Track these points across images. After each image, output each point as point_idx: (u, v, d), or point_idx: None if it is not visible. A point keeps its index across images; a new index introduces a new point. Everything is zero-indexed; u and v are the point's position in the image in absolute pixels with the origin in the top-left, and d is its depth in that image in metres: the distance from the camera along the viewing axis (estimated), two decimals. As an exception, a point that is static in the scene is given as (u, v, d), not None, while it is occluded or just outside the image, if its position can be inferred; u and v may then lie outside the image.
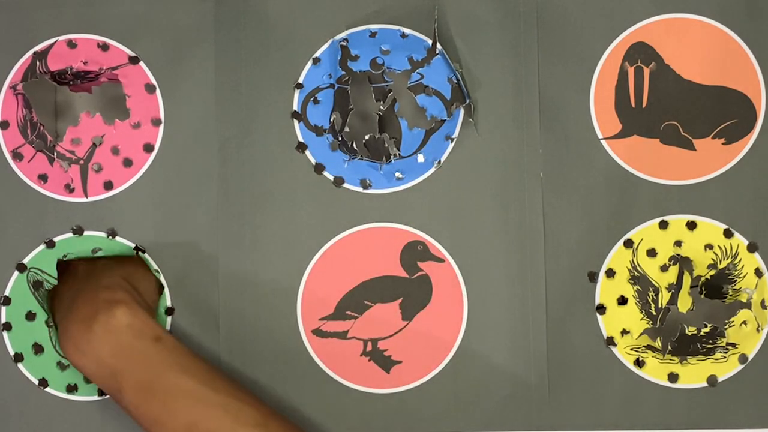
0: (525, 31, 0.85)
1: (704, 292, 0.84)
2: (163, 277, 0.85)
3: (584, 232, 0.85)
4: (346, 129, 0.85)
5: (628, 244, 0.85)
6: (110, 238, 0.86)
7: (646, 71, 0.85)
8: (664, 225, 0.85)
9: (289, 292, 0.85)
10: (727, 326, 0.84)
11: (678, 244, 0.85)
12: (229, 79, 0.86)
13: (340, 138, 0.85)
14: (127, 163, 0.86)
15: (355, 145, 0.85)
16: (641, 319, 0.85)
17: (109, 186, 0.86)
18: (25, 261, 0.85)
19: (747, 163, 0.85)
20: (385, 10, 0.86)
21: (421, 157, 0.86)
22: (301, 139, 0.86)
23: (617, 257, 0.85)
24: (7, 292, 0.85)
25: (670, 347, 0.84)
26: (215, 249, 0.86)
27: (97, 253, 0.86)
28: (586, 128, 0.85)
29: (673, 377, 0.84)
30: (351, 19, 0.86)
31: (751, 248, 0.84)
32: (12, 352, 0.85)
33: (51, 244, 0.85)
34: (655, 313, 0.85)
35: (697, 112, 0.85)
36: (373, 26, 0.86)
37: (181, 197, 0.86)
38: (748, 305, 0.84)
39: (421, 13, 0.86)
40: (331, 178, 0.86)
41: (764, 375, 0.84)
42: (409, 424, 0.85)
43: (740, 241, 0.85)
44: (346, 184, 0.86)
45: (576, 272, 0.85)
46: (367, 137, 0.85)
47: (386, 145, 0.85)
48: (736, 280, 0.85)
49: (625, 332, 0.85)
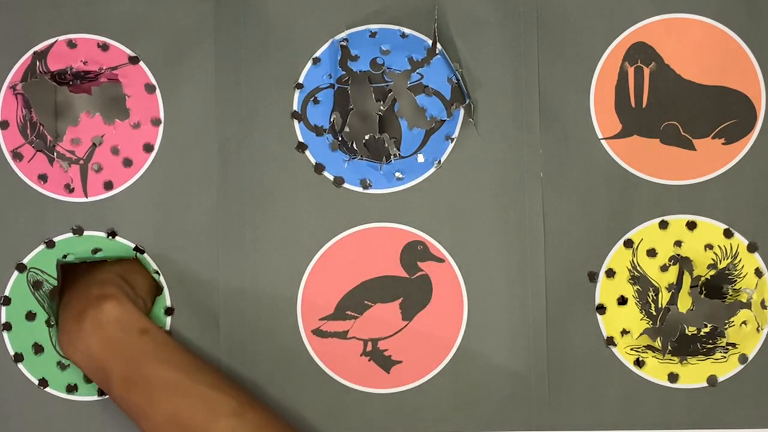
0: (525, 31, 0.85)
1: (704, 292, 0.84)
2: (163, 277, 0.86)
3: (584, 232, 0.85)
4: (346, 129, 0.85)
5: (628, 244, 0.85)
6: (110, 238, 0.86)
7: (646, 71, 0.85)
8: (664, 225, 0.85)
9: (289, 292, 0.85)
10: (727, 326, 0.84)
11: (678, 244, 0.85)
12: (229, 79, 0.86)
13: (340, 138, 0.85)
14: (127, 163, 0.86)
15: (355, 145, 0.85)
16: (641, 319, 0.85)
17: (109, 186, 0.86)
18: (25, 261, 0.85)
19: (747, 163, 0.85)
20: (385, 10, 0.86)
21: (421, 157, 0.86)
22: (301, 139, 0.86)
23: (617, 257, 0.85)
24: (7, 292, 0.85)
25: (670, 347, 0.84)
26: (215, 249, 0.86)
27: (97, 253, 0.85)
28: (586, 128, 0.85)
29: (673, 377, 0.84)
30: (351, 19, 0.86)
31: (751, 248, 0.84)
32: (12, 352, 0.85)
33: (51, 244, 0.85)
34: (655, 313, 0.85)
35: (697, 112, 0.85)
36: (373, 26, 0.86)
37: (181, 197, 0.86)
38: (748, 305, 0.84)
39: (421, 13, 0.86)
40: (331, 178, 0.86)
41: (764, 375, 0.84)
42: (409, 424, 0.85)
43: (740, 241, 0.85)
44: (346, 184, 0.86)
45: (576, 272, 0.85)
46: (367, 137, 0.85)
47: (386, 145, 0.85)
48: (736, 280, 0.85)
49: (625, 332, 0.85)
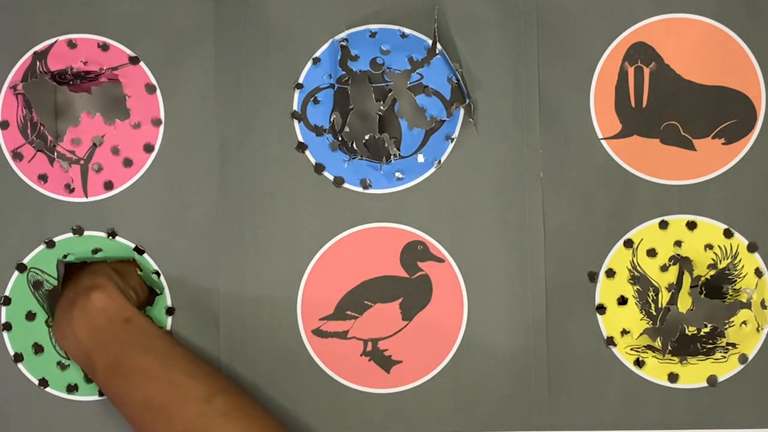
0: (525, 31, 0.85)
1: (704, 292, 0.84)
2: (163, 277, 0.86)
3: (584, 232, 0.85)
4: (346, 129, 0.85)
5: (628, 244, 0.85)
6: (110, 238, 0.86)
7: (646, 71, 0.85)
8: (664, 225, 0.85)
9: (289, 292, 0.85)
10: (727, 326, 0.84)
11: (678, 244, 0.85)
12: (229, 79, 0.86)
13: (340, 138, 0.85)
14: (127, 163, 0.86)
15: (355, 145, 0.85)
16: (641, 319, 0.85)
17: (109, 186, 0.86)
18: (25, 261, 0.86)
19: (747, 163, 0.85)
20: (385, 10, 0.86)
21: (421, 157, 0.86)
22: (301, 139, 0.86)
23: (617, 257, 0.85)
24: (7, 292, 0.85)
25: (670, 347, 0.84)
26: (215, 249, 0.86)
27: (98, 253, 0.85)
28: (586, 128, 0.85)
29: (673, 377, 0.84)
30: (351, 19, 0.86)
31: (751, 248, 0.84)
32: (12, 352, 0.85)
33: (51, 244, 0.85)
34: (655, 313, 0.85)
35: (697, 112, 0.85)
36: (373, 26, 0.86)
37: (181, 197, 0.86)
38: (748, 305, 0.84)
39: (421, 13, 0.86)
40: (331, 178, 0.86)
41: (764, 375, 0.84)
42: (409, 424, 0.85)
43: (740, 241, 0.85)
44: (346, 184, 0.86)
45: (576, 272, 0.85)
46: (367, 137, 0.85)
47: (386, 145, 0.85)
48: (736, 280, 0.85)
49: (625, 332, 0.85)
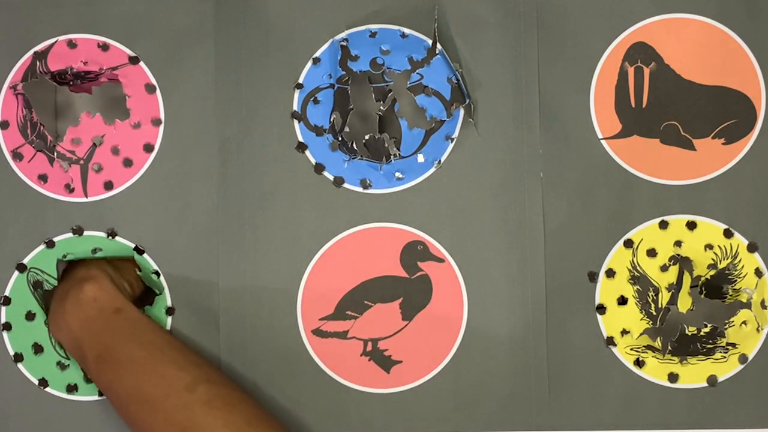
0: (525, 31, 0.85)
1: (704, 292, 0.84)
2: (163, 277, 0.86)
3: (584, 232, 0.85)
4: (346, 129, 0.85)
5: (628, 244, 0.85)
6: (110, 238, 0.86)
7: (646, 71, 0.85)
8: (664, 225, 0.85)
9: (289, 292, 0.85)
10: (727, 326, 0.84)
11: (678, 244, 0.85)
12: (229, 79, 0.86)
13: (340, 138, 0.85)
14: (127, 163, 0.86)
15: (355, 145, 0.85)
16: (641, 319, 0.85)
17: (109, 186, 0.86)
18: (25, 261, 0.85)
19: (747, 163, 0.85)
20: (385, 10, 0.86)
21: (421, 157, 0.86)
22: (301, 139, 0.86)
23: (617, 257, 0.85)
24: (7, 292, 0.85)
25: (670, 347, 0.84)
26: (215, 249, 0.86)
27: (98, 253, 0.86)
28: (586, 128, 0.85)
29: (673, 377, 0.84)
30: (351, 19, 0.86)
31: (751, 248, 0.84)
32: (12, 352, 0.85)
33: (51, 244, 0.85)
34: (655, 313, 0.85)
35: (697, 112, 0.85)
36: (373, 26, 0.86)
37: (181, 197, 0.86)
38: (748, 305, 0.84)
39: (421, 13, 0.86)
40: (331, 178, 0.86)
41: (764, 375, 0.84)
42: (409, 424, 0.85)
43: (740, 241, 0.85)
44: (346, 184, 0.86)
45: (576, 272, 0.85)
46: (367, 137, 0.85)
47: (386, 145, 0.85)
48: (736, 280, 0.85)
49: (625, 332, 0.85)
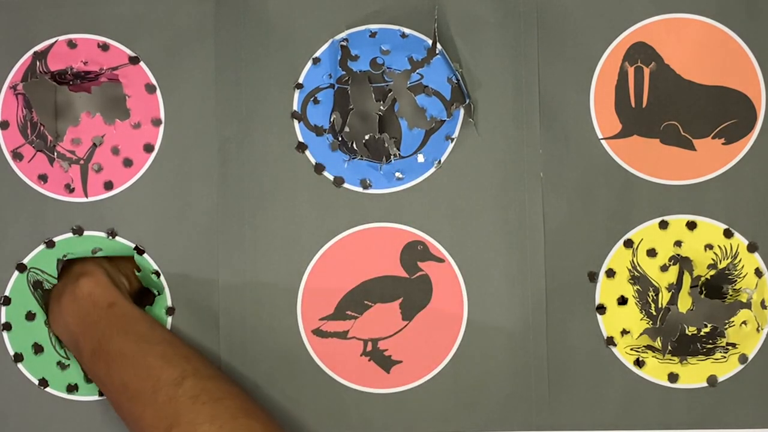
0: (525, 31, 0.85)
1: (704, 292, 0.84)
2: (163, 277, 0.86)
3: (584, 232, 0.85)
4: (346, 129, 0.85)
5: (628, 244, 0.85)
6: (110, 238, 0.86)
7: (646, 71, 0.85)
8: (664, 225, 0.85)
9: (289, 292, 0.85)
10: (727, 326, 0.84)
11: (678, 244, 0.85)
12: (229, 79, 0.86)
13: (340, 138, 0.85)
14: (127, 163, 0.86)
15: (355, 145, 0.85)
16: (641, 319, 0.85)
17: (109, 186, 0.86)
18: (25, 261, 0.85)
19: (747, 163, 0.85)
20: (385, 10, 0.86)
21: (421, 157, 0.86)
22: (301, 139, 0.86)
23: (617, 257, 0.85)
24: (7, 292, 0.85)
25: (670, 347, 0.84)
26: (215, 249, 0.86)
27: (97, 253, 0.86)
28: (586, 128, 0.85)
29: (673, 377, 0.84)
30: (351, 19, 0.86)
31: (751, 248, 0.84)
32: (12, 352, 0.85)
33: (51, 244, 0.85)
34: (655, 313, 0.85)
35: (697, 112, 0.85)
36: (373, 26, 0.86)
37: (181, 197, 0.86)
38: (748, 305, 0.84)
39: (421, 13, 0.86)
40: (331, 178, 0.86)
41: (764, 375, 0.84)
42: (409, 424, 0.85)
43: (740, 241, 0.84)
44: (346, 184, 0.86)
45: (576, 272, 0.85)
46: (367, 137, 0.85)
47: (386, 145, 0.85)
48: (736, 280, 0.85)
49: (625, 332, 0.85)
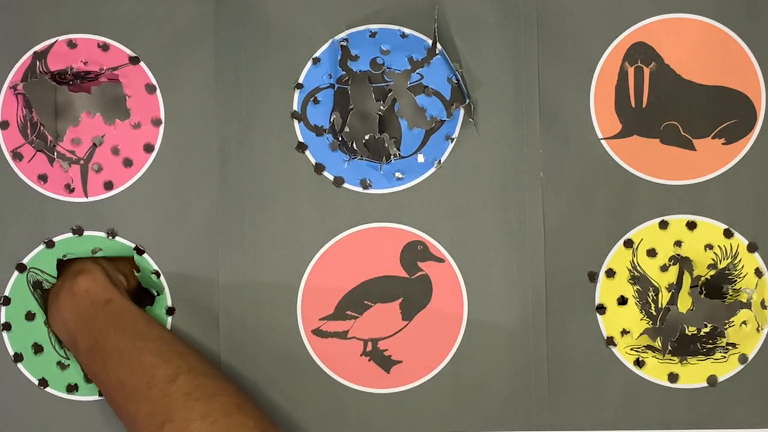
0: (525, 31, 0.85)
1: (704, 292, 0.84)
2: (163, 277, 0.86)
3: (584, 232, 0.85)
4: (346, 129, 0.85)
5: (628, 244, 0.85)
6: (110, 238, 0.86)
7: (646, 71, 0.85)
8: (664, 225, 0.85)
9: (289, 292, 0.85)
10: (727, 326, 0.84)
11: (678, 244, 0.85)
12: (229, 79, 0.86)
13: (340, 138, 0.85)
14: (127, 163, 0.86)
15: (355, 145, 0.85)
16: (641, 319, 0.85)
17: (109, 186, 0.86)
18: (25, 261, 0.85)
19: (747, 163, 0.85)
20: (385, 10, 0.86)
21: (421, 157, 0.86)
22: (301, 139, 0.86)
23: (617, 257, 0.85)
24: (6, 292, 0.85)
25: (670, 347, 0.84)
26: (215, 249, 0.86)
27: (97, 253, 0.86)
28: (586, 128, 0.85)
29: (673, 377, 0.84)
30: (351, 19, 0.86)
31: (751, 248, 0.84)
32: (12, 352, 0.85)
33: (51, 244, 0.85)
34: (655, 313, 0.85)
35: (697, 112, 0.85)
36: (373, 26, 0.86)
37: (181, 197, 0.86)
38: (748, 305, 0.84)
39: (421, 13, 0.86)
40: (331, 178, 0.86)
41: (764, 375, 0.84)
42: (409, 424, 0.85)
43: (740, 241, 0.85)
44: (346, 184, 0.86)
45: (576, 272, 0.85)
46: (367, 137, 0.85)
47: (386, 145, 0.85)
48: (736, 280, 0.85)
49: (625, 332, 0.85)
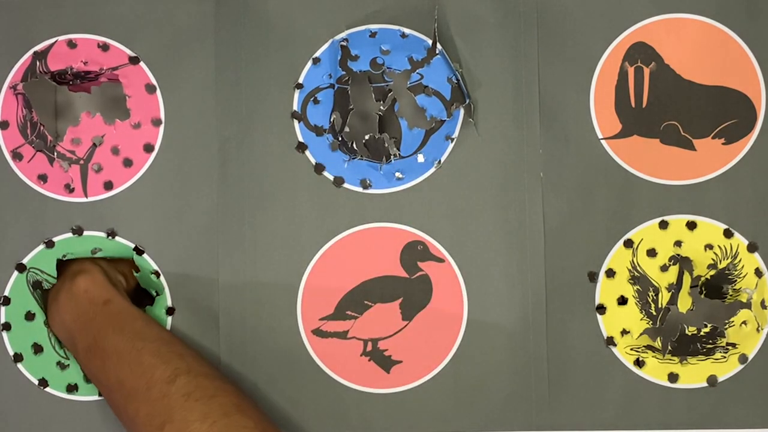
0: (525, 31, 0.85)
1: (704, 292, 0.84)
2: (163, 277, 0.86)
3: (584, 232, 0.85)
4: (346, 129, 0.85)
5: (628, 244, 0.85)
6: (110, 238, 0.86)
7: (646, 71, 0.85)
8: (664, 225, 0.85)
9: (289, 292, 0.85)
10: (727, 326, 0.84)
11: (678, 244, 0.85)
12: (229, 79, 0.86)
13: (340, 138, 0.85)
14: (127, 163, 0.86)
15: (355, 145, 0.85)
16: (641, 319, 0.85)
17: (109, 186, 0.86)
18: (25, 261, 0.85)
19: (747, 163, 0.85)
20: (385, 10, 0.86)
21: (421, 157, 0.86)
22: (301, 139, 0.86)
23: (617, 257, 0.85)
24: (6, 292, 0.85)
25: (670, 347, 0.84)
26: (215, 249, 0.85)
27: (97, 253, 0.85)
28: (586, 128, 0.85)
29: (673, 377, 0.84)
30: (351, 19, 0.86)
31: (751, 248, 0.84)
32: (12, 352, 0.85)
33: (50, 244, 0.85)
34: (655, 313, 0.85)
35: (697, 112, 0.85)
36: (373, 26, 0.86)
37: (181, 197, 0.86)
38: (748, 305, 0.84)
39: (421, 13, 0.86)
40: (331, 178, 0.86)
41: (764, 375, 0.84)
42: (409, 424, 0.85)
43: (740, 241, 0.85)
44: (346, 184, 0.86)
45: (576, 272, 0.85)
46: (367, 137, 0.85)
47: (386, 145, 0.85)
48: (736, 280, 0.85)
49: (625, 332, 0.85)
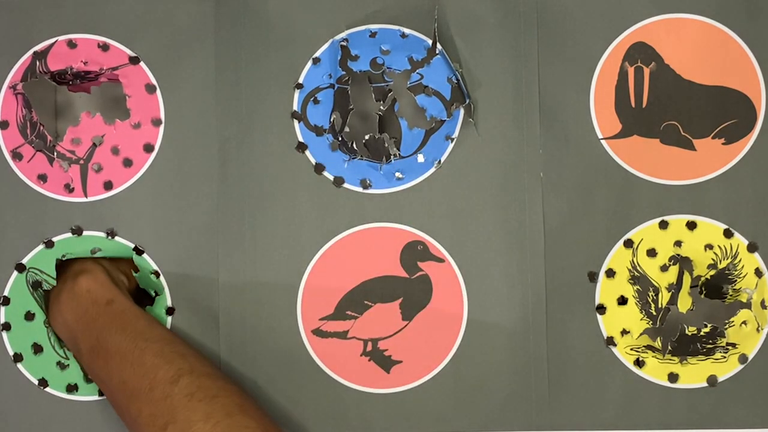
0: (525, 31, 0.85)
1: (704, 292, 0.84)
2: (163, 277, 0.85)
3: (584, 232, 0.85)
4: (346, 129, 0.85)
5: (628, 244, 0.85)
6: (109, 238, 0.86)
7: (646, 71, 0.85)
8: (664, 225, 0.85)
9: (289, 292, 0.85)
10: (727, 326, 0.84)
11: (678, 244, 0.85)
12: (229, 79, 0.86)
13: (340, 138, 0.85)
14: (127, 163, 0.86)
15: (355, 145, 0.85)
16: (641, 319, 0.85)
17: (109, 186, 0.86)
18: (25, 261, 0.85)
19: (747, 163, 0.85)
20: (385, 10, 0.86)
21: (421, 157, 0.86)
22: (301, 139, 0.86)
23: (617, 257, 0.85)
24: (6, 292, 0.85)
25: (670, 347, 0.84)
26: (215, 249, 0.85)
27: (97, 253, 0.85)
28: (586, 128, 0.85)
29: (673, 377, 0.84)
30: (351, 19, 0.86)
31: (751, 248, 0.84)
32: (11, 352, 0.85)
33: (50, 244, 0.85)
34: (655, 313, 0.85)
35: (697, 112, 0.85)
36: (373, 26, 0.86)
37: (181, 197, 0.86)
38: (748, 305, 0.84)
39: (421, 13, 0.86)
40: (331, 178, 0.86)
41: (764, 375, 0.84)
42: (409, 424, 0.85)
43: (740, 241, 0.85)
44: (346, 184, 0.86)
45: (576, 272, 0.85)
46: (367, 137, 0.85)
47: (386, 145, 0.85)
48: (736, 280, 0.85)
49: (625, 332, 0.85)
